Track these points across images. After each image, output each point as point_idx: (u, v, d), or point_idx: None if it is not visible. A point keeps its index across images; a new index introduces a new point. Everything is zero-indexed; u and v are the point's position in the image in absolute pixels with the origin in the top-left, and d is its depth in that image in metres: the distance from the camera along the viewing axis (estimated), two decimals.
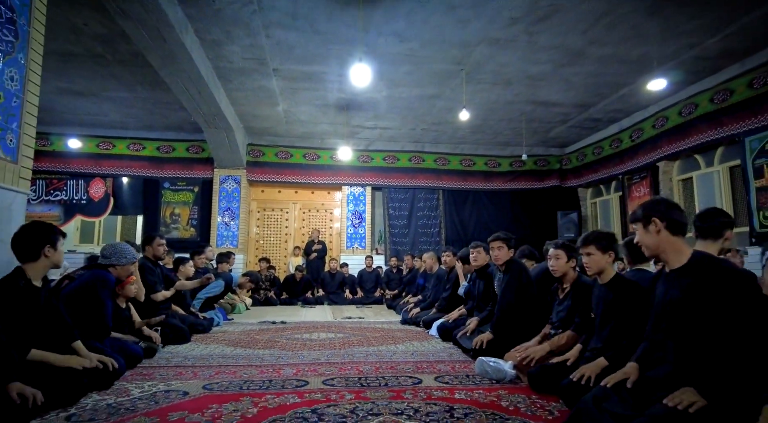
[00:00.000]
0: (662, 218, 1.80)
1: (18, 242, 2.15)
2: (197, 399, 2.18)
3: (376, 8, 4.72)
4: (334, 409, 2.03)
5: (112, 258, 2.88)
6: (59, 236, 2.27)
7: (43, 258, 2.18)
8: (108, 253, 2.88)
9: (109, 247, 2.95)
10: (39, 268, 2.18)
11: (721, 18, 4.88)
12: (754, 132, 5.55)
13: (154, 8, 4.26)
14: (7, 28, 2.34)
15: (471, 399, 2.19)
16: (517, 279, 3.22)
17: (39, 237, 2.17)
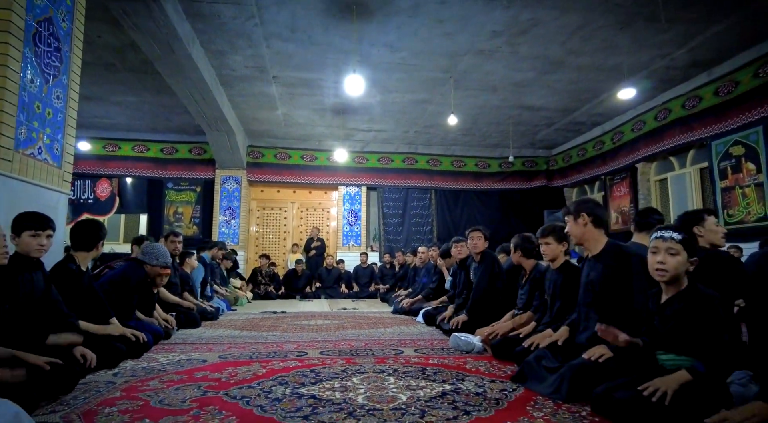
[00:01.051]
0: (589, 214, 2.29)
1: (78, 234, 2.64)
2: (215, 364, 2.66)
3: (369, 22, 5.19)
4: (328, 369, 2.50)
5: (146, 257, 3.35)
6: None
7: (94, 250, 2.67)
8: (146, 251, 3.36)
9: (149, 246, 3.42)
10: (88, 257, 2.68)
11: (687, 32, 5.37)
12: (719, 136, 6.05)
13: (165, 23, 4.70)
14: (54, 55, 2.81)
15: (442, 364, 2.67)
16: (490, 268, 3.71)
17: (97, 233, 2.67)
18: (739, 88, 5.79)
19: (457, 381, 2.26)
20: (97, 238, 2.68)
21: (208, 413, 1.78)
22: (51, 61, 2.78)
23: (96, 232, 2.68)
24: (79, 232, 2.65)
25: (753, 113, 5.61)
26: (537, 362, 2.21)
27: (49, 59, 2.77)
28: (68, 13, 2.97)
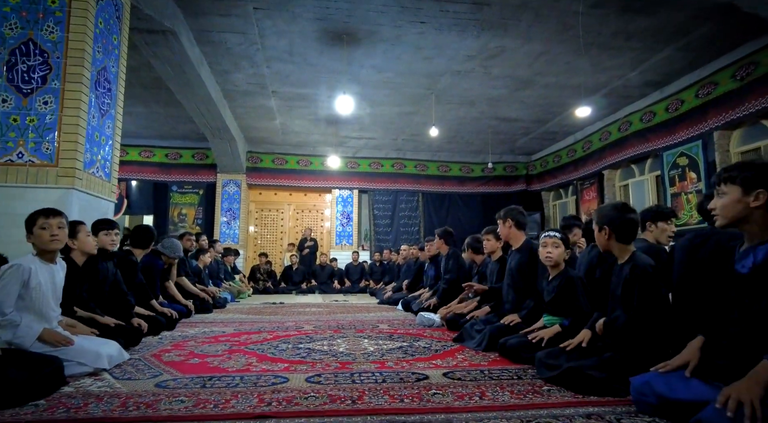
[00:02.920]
0: (512, 219, 3.19)
1: (137, 236, 3.53)
2: (232, 334, 3.53)
3: (358, 48, 6.08)
4: (320, 336, 3.38)
5: (166, 250, 4.22)
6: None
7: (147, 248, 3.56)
8: (166, 245, 4.23)
9: (168, 241, 4.29)
10: (142, 253, 3.56)
11: (636, 58, 6.29)
12: (669, 148, 6.97)
13: (179, 50, 5.56)
14: (107, 95, 3.67)
15: (406, 332, 3.57)
16: (456, 262, 4.61)
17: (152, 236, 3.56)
18: (684, 106, 6.71)
19: (413, 341, 3.15)
20: (150, 240, 3.57)
21: (236, 355, 2.66)
22: (105, 99, 3.65)
23: (151, 236, 3.58)
24: (138, 234, 3.53)
25: (695, 129, 6.53)
26: (471, 327, 3.10)
27: (104, 98, 3.63)
28: (116, 61, 3.83)
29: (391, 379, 2.11)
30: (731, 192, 1.55)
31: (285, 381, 2.08)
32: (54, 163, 3.21)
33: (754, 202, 1.50)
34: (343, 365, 2.41)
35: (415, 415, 1.61)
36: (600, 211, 2.22)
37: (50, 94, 3.25)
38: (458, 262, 4.63)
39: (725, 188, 1.58)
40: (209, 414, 1.63)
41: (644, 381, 1.65)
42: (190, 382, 2.06)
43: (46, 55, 3.27)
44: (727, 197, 1.57)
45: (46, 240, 2.25)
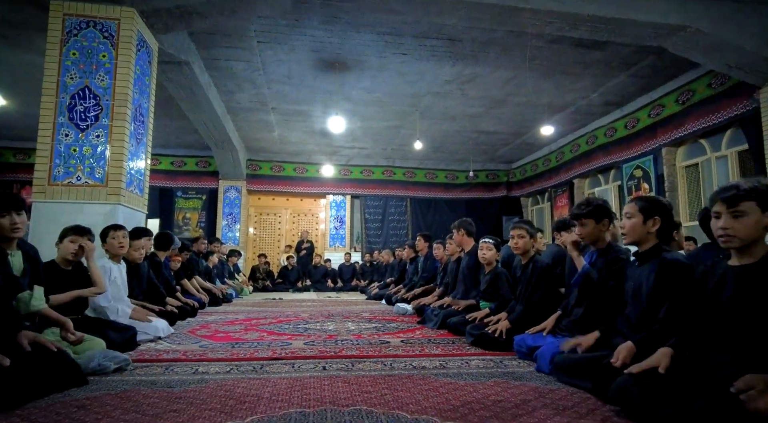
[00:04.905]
0: (464, 228, 4.17)
1: (160, 240, 4.47)
2: (244, 319, 4.49)
3: (349, 73, 7.05)
4: (314, 321, 4.35)
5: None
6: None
7: (169, 250, 4.51)
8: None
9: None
10: (164, 255, 4.51)
11: (595, 82, 7.28)
12: (628, 161, 7.97)
13: (191, 76, 6.50)
14: (142, 126, 4.62)
15: (383, 318, 4.55)
16: (433, 263, 5.58)
17: (171, 240, 4.51)
18: (639, 124, 7.72)
19: (386, 323, 4.13)
20: (170, 244, 4.52)
21: (250, 332, 3.62)
22: (140, 130, 4.60)
23: (171, 240, 4.53)
24: (160, 239, 4.49)
25: (647, 144, 7.53)
26: (431, 313, 4.08)
27: (139, 129, 4.59)
28: (148, 97, 4.79)
29: (363, 343, 3.09)
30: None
31: (289, 344, 3.05)
32: (104, 184, 4.17)
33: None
34: (330, 336, 3.39)
35: (373, 359, 2.58)
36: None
37: (101, 129, 4.20)
38: (434, 264, 5.60)
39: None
40: (243, 357, 2.60)
41: (521, 338, 2.63)
42: (221, 346, 3.03)
43: (98, 98, 4.22)
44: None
45: (116, 247, 3.22)
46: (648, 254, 2.04)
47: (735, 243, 1.59)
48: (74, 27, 4.23)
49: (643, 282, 1.99)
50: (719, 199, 1.63)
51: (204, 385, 2.00)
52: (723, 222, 1.60)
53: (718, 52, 5.33)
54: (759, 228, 1.56)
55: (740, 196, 1.58)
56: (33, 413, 1.60)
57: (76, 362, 1.98)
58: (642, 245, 2.07)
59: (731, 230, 1.58)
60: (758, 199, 1.56)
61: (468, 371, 2.31)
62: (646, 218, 2.03)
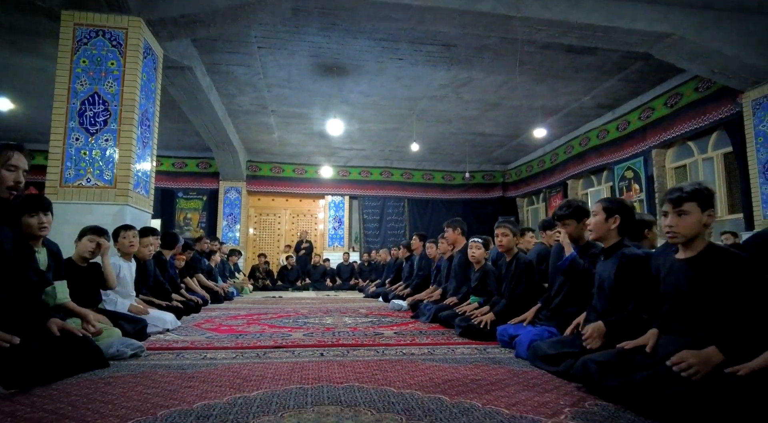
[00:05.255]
0: (459, 227, 4.40)
1: (167, 239, 4.71)
2: (246, 315, 4.72)
3: (347, 77, 7.28)
4: (312, 316, 4.58)
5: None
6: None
7: (174, 249, 4.74)
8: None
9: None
10: (170, 253, 4.74)
11: (587, 85, 7.52)
12: (619, 162, 8.22)
13: (193, 81, 6.73)
14: (148, 130, 4.86)
15: (379, 312, 4.78)
16: (428, 262, 5.81)
17: (177, 240, 4.74)
18: (630, 126, 7.96)
19: (382, 318, 4.37)
20: (175, 243, 4.76)
21: (252, 325, 3.85)
22: (146, 134, 4.84)
23: (176, 239, 4.77)
24: (166, 238, 4.73)
25: (638, 146, 7.78)
26: (424, 307, 4.32)
27: (145, 133, 4.83)
28: (153, 102, 5.03)
29: (358, 334, 3.32)
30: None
31: (289, 335, 3.29)
32: (113, 185, 4.40)
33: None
34: (328, 329, 3.63)
35: (367, 347, 2.81)
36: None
37: (109, 134, 4.44)
38: (429, 262, 5.84)
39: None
40: (247, 345, 2.83)
41: (503, 328, 2.87)
42: (226, 337, 3.26)
43: (107, 104, 4.45)
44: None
45: (126, 246, 3.45)
46: (611, 250, 2.28)
47: (679, 238, 1.82)
48: (84, 36, 4.46)
49: (606, 275, 2.23)
50: (667, 199, 1.87)
51: (213, 368, 2.23)
52: (669, 220, 1.84)
53: (701, 58, 5.57)
54: (699, 225, 1.80)
55: (684, 198, 1.81)
56: (66, 387, 1.83)
57: (99, 347, 2.21)
58: (606, 241, 2.30)
59: (676, 227, 1.81)
60: (699, 200, 1.79)
61: (453, 357, 2.54)
62: (608, 216, 2.26)
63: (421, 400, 1.69)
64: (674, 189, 1.87)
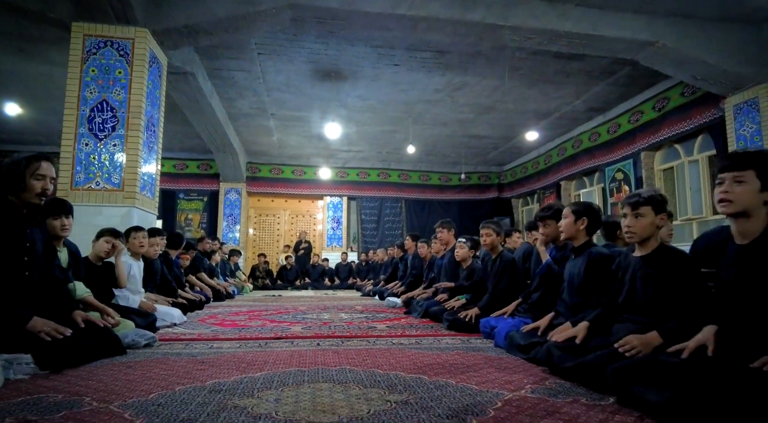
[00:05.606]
0: (453, 228, 4.65)
1: (173, 239, 4.97)
2: (247, 311, 4.98)
3: (344, 82, 7.54)
4: (311, 312, 4.83)
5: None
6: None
7: (180, 249, 5.00)
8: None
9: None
10: (176, 252, 5.00)
11: (578, 90, 7.78)
12: (610, 164, 8.48)
13: (195, 85, 6.98)
14: (153, 135, 5.12)
15: (374, 310, 5.04)
16: (421, 261, 6.07)
17: (182, 240, 4.99)
18: (620, 129, 8.22)
19: (376, 314, 4.63)
20: (181, 243, 5.02)
21: (254, 320, 4.11)
22: (152, 138, 5.10)
23: (182, 239, 5.03)
24: (172, 238, 4.99)
25: (628, 149, 8.04)
26: (416, 304, 4.58)
27: (151, 138, 5.08)
28: (158, 109, 5.29)
29: (353, 328, 3.58)
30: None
31: (288, 329, 3.55)
32: (120, 188, 4.66)
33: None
34: (325, 323, 3.89)
35: (360, 339, 3.07)
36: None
37: (117, 139, 4.70)
38: (422, 261, 6.10)
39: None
40: (250, 337, 3.09)
41: (486, 321, 3.13)
42: (230, 330, 3.52)
43: (115, 111, 4.71)
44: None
45: (136, 246, 3.71)
46: (581, 248, 2.54)
47: (635, 238, 2.09)
48: (93, 46, 4.72)
49: (576, 271, 2.49)
50: (626, 203, 2.13)
51: (220, 355, 2.49)
52: (627, 221, 2.11)
53: (684, 65, 5.84)
54: (653, 227, 2.07)
55: (641, 202, 2.08)
56: (93, 369, 2.09)
57: (117, 336, 2.47)
58: (576, 241, 2.56)
59: (633, 228, 2.08)
60: (653, 205, 2.06)
61: (438, 346, 2.80)
62: (576, 218, 2.52)
63: (404, 379, 1.94)
64: (633, 194, 2.13)
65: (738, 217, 1.58)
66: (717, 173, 1.66)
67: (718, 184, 1.62)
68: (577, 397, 1.68)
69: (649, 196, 2.08)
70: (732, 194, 1.56)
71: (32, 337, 2.03)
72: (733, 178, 1.56)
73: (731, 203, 1.56)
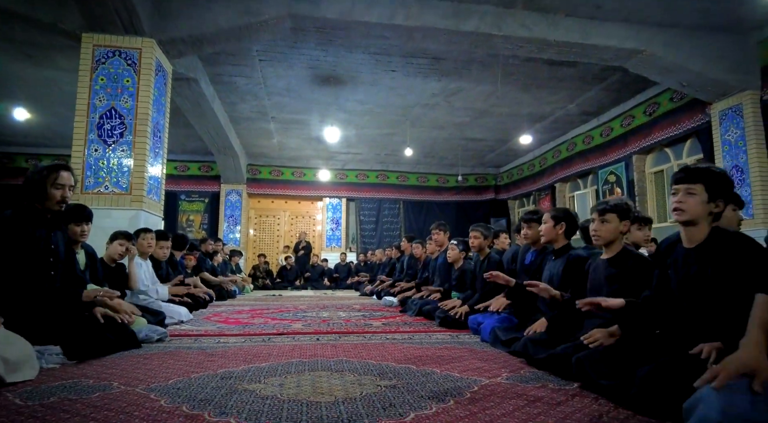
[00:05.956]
0: (448, 230, 4.89)
1: (178, 240, 5.20)
2: (250, 310, 5.21)
3: (343, 87, 7.78)
4: (310, 310, 5.07)
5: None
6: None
7: (185, 250, 5.23)
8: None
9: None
10: (180, 253, 5.24)
11: (571, 94, 8.01)
12: (603, 167, 8.72)
13: (197, 90, 7.21)
14: (158, 141, 5.35)
15: (371, 307, 5.27)
16: (416, 261, 6.31)
17: (186, 241, 5.23)
18: (613, 132, 8.46)
19: (373, 312, 4.86)
20: (186, 244, 5.26)
21: (257, 318, 4.35)
22: (157, 144, 5.33)
23: (186, 241, 5.27)
24: (177, 240, 5.23)
25: (620, 152, 8.27)
26: (411, 303, 4.81)
27: (157, 143, 5.32)
28: (163, 115, 5.52)
29: (350, 325, 3.82)
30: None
31: (289, 326, 3.79)
32: (128, 192, 4.89)
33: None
34: (324, 320, 4.13)
35: (356, 334, 3.31)
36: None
37: (125, 145, 4.93)
38: (417, 262, 6.33)
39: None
40: (254, 332, 3.33)
41: (473, 317, 3.36)
42: (234, 327, 3.75)
43: (123, 118, 4.94)
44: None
45: (144, 246, 3.94)
46: (560, 251, 2.77)
47: (600, 241, 2.34)
48: (102, 56, 4.95)
49: (555, 271, 2.72)
50: (595, 209, 2.37)
51: (227, 349, 2.72)
52: (594, 225, 2.35)
53: (671, 72, 6.08)
54: (617, 232, 2.31)
55: (607, 209, 2.32)
56: (114, 360, 2.33)
57: (133, 331, 2.70)
58: (555, 244, 2.80)
59: (599, 231, 2.32)
60: (618, 212, 2.30)
61: (428, 341, 3.04)
62: (555, 223, 2.76)
63: (394, 368, 2.18)
64: (601, 202, 2.37)
65: (687, 224, 1.81)
66: (672, 184, 1.90)
67: (673, 194, 1.85)
68: (546, 384, 1.92)
69: (615, 204, 2.32)
70: (684, 204, 1.79)
71: (60, 332, 2.27)
72: (686, 190, 1.79)
73: (683, 212, 1.79)
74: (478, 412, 1.54)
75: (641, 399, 1.52)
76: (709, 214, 1.79)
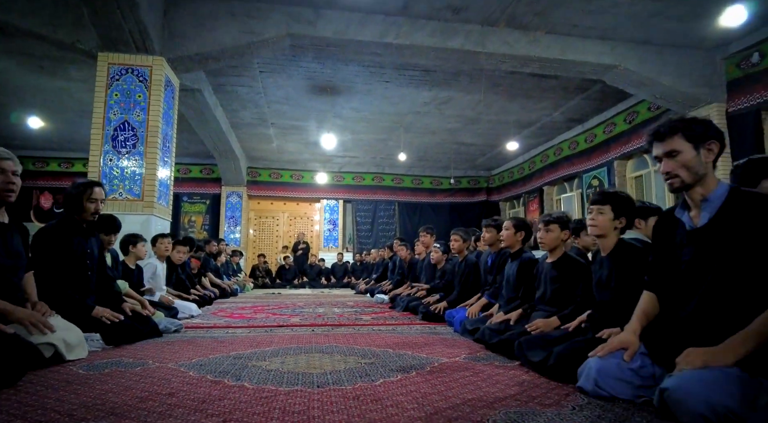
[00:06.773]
0: (436, 233, 5.39)
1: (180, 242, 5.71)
2: (251, 307, 5.71)
3: (339, 95, 8.27)
4: (308, 307, 5.56)
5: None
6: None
7: (191, 253, 5.73)
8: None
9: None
10: (188, 255, 5.74)
11: (555, 103, 8.51)
12: (587, 171, 9.22)
13: (201, 100, 7.69)
14: (167, 151, 5.85)
15: (362, 304, 5.77)
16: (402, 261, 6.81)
17: (193, 243, 5.72)
18: (596, 139, 8.95)
19: (364, 308, 5.37)
20: (193, 246, 5.76)
21: (258, 313, 4.84)
22: (166, 153, 5.83)
23: (192, 244, 5.77)
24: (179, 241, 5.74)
25: (603, 157, 8.77)
26: (399, 300, 5.32)
27: (166, 152, 5.81)
28: (172, 127, 6.01)
29: (343, 318, 4.32)
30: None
31: (289, 320, 4.29)
32: (140, 198, 5.38)
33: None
34: (319, 315, 4.63)
35: (347, 326, 3.80)
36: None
37: (137, 156, 5.42)
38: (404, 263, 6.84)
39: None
40: (258, 325, 3.83)
41: (450, 312, 3.86)
42: (239, 321, 4.25)
43: (135, 130, 5.43)
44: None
45: (162, 250, 4.44)
46: (516, 254, 3.28)
47: (545, 247, 2.83)
48: (116, 73, 5.44)
49: (511, 272, 3.22)
50: (541, 220, 2.87)
51: (235, 338, 3.22)
52: (540, 233, 2.84)
53: (644, 86, 6.58)
54: (558, 240, 2.80)
55: (551, 220, 2.82)
56: (143, 346, 2.83)
57: (156, 322, 3.20)
58: (513, 248, 3.30)
59: (543, 239, 2.82)
60: (559, 223, 2.79)
61: (408, 331, 3.54)
62: (516, 231, 3.26)
63: (374, 351, 2.69)
64: (546, 214, 2.87)
65: (599, 237, 2.31)
66: (589, 205, 2.39)
67: (589, 213, 2.35)
68: (493, 362, 2.42)
69: (557, 217, 2.82)
70: (596, 221, 2.28)
71: (100, 321, 2.77)
72: (598, 210, 2.29)
73: (596, 227, 2.29)
74: (432, 379, 2.04)
75: (556, 369, 2.02)
76: (615, 229, 2.28)
